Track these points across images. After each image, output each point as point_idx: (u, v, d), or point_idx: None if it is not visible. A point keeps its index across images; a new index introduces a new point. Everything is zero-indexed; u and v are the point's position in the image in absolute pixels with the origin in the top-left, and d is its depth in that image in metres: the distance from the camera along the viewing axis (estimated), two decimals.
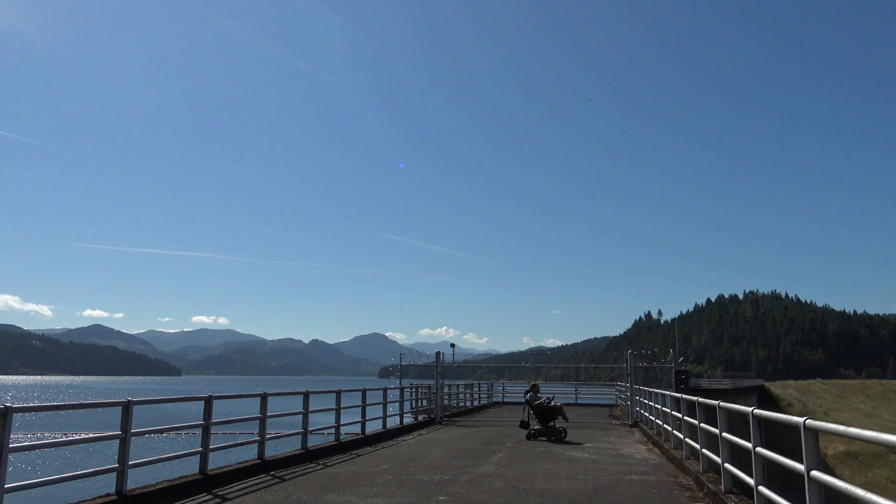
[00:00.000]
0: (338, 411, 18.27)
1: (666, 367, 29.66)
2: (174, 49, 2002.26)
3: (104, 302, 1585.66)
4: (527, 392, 23.61)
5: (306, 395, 16.24)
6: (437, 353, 28.90)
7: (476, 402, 40.33)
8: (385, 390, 23.24)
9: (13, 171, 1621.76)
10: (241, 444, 13.33)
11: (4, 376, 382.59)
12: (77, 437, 9.09)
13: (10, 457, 7.83)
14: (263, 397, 14.10)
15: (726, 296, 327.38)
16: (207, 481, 11.65)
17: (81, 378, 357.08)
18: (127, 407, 9.87)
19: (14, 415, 7.86)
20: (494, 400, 45.53)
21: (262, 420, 14.05)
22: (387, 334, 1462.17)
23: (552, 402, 22.48)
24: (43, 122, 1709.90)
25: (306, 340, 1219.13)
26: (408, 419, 26.47)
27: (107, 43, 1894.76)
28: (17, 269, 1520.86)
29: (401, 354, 29.62)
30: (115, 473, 9.66)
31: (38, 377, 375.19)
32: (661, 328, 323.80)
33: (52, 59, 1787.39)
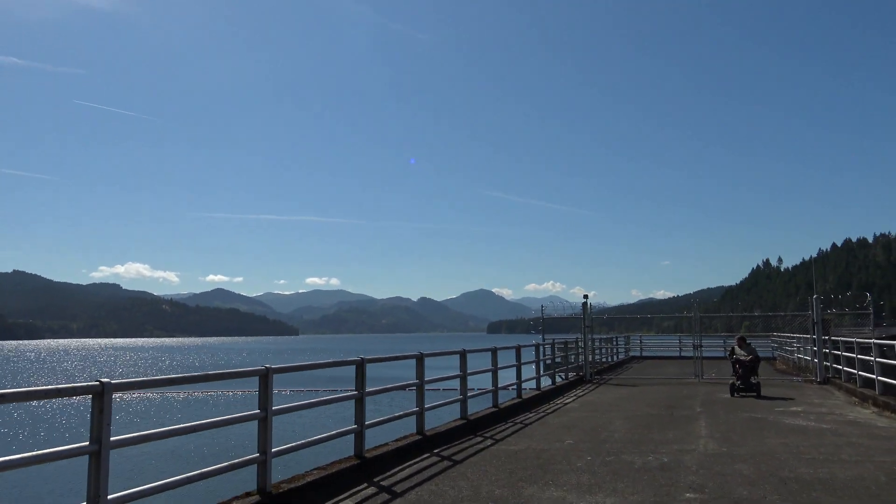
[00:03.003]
0: (495, 372, 15.52)
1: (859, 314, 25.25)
2: (277, 20, 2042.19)
3: (225, 267, 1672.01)
4: (733, 346, 20.90)
5: (463, 355, 13.53)
6: (585, 304, 25.70)
7: (615, 358, 36.92)
8: (538, 347, 20.41)
9: (138, 147, 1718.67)
10: (400, 416, 10.75)
11: (140, 339, 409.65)
12: (206, 420, 6.54)
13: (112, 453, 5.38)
14: (420, 359, 11.46)
15: (854, 239, 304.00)
16: (365, 467, 9.12)
17: (209, 339, 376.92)
18: (266, 376, 7.35)
19: (114, 394, 5.40)
20: (632, 354, 41.99)
21: (420, 386, 11.42)
22: (493, 290, 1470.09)
23: (749, 356, 19.89)
24: (161, 99, 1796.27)
25: (415, 298, 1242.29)
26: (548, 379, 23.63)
27: (213, 19, 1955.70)
28: (146, 239, 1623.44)
29: (542, 307, 26.63)
30: (256, 466, 7.20)
31: (169, 339, 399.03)
32: (780, 276, 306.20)
33: (160, 39, 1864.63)
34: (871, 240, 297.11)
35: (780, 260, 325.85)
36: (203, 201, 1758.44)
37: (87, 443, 5.24)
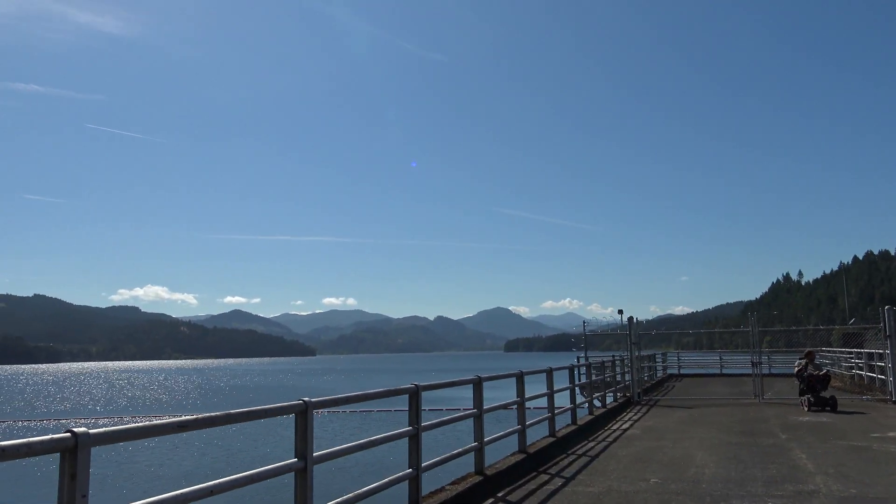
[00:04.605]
0: (551, 396, 13.67)
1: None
2: (295, 39, 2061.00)
3: (242, 288, 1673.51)
4: (799, 360, 20.46)
5: (520, 377, 11.73)
6: (630, 319, 23.82)
7: (655, 377, 34.85)
8: (588, 367, 18.53)
9: (155, 170, 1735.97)
10: (458, 454, 8.92)
11: (158, 361, 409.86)
12: (229, 478, 4.78)
13: None
14: (478, 384, 9.68)
15: (875, 252, 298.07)
16: None
17: (227, 361, 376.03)
18: (304, 413, 5.61)
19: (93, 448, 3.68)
20: (669, 372, 39.90)
21: (479, 417, 9.63)
22: (510, 308, 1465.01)
23: (822, 371, 19.81)
24: (177, 122, 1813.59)
25: (431, 317, 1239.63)
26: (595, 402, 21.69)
27: (220, 40, 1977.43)
28: (164, 262, 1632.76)
29: (584, 322, 24.78)
30: None
31: (188, 361, 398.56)
32: (801, 290, 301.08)
33: (169, 61, 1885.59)
34: (893, 252, 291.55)
35: (800, 274, 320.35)
36: (221, 223, 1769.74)
37: None
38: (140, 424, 4.05)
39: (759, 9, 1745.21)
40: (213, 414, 4.63)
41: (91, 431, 3.64)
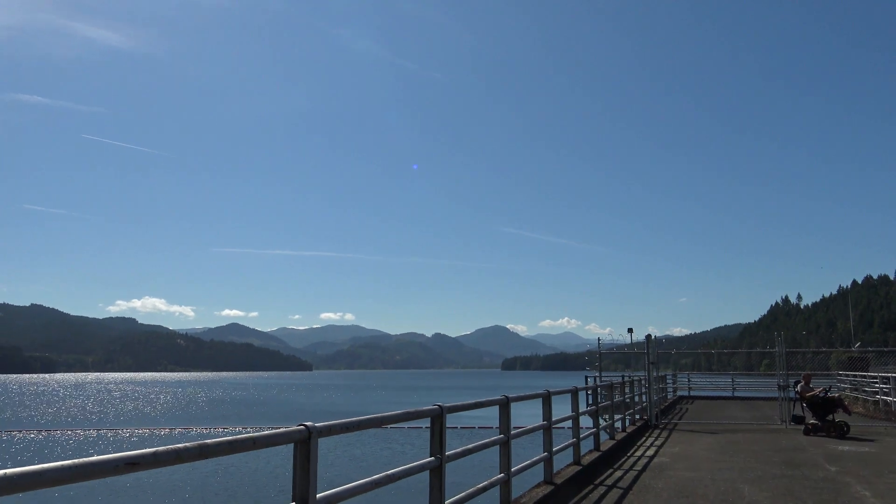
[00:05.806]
0: (576, 419, 12.33)
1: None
2: (295, 57, 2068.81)
3: (240, 302, 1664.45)
4: (797, 383, 20.00)
5: (547, 398, 10.40)
6: (648, 336, 22.46)
7: (666, 398, 33.46)
8: (611, 386, 17.16)
9: (155, 183, 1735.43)
10: (483, 489, 7.58)
11: (154, 373, 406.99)
12: None
13: None
14: (505, 404, 8.36)
15: (875, 276, 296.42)
16: None
17: (223, 374, 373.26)
18: (306, 442, 4.31)
19: None
20: (680, 394, 38.51)
21: (506, 443, 8.31)
22: (508, 326, 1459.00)
23: (829, 393, 18.90)
24: (178, 135, 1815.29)
25: (429, 334, 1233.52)
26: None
27: (233, 57, 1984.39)
28: (162, 273, 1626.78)
29: (598, 339, 23.42)
30: None
31: (184, 374, 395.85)
32: (800, 313, 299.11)
33: (180, 77, 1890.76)
34: (892, 276, 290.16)
35: (799, 297, 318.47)
36: (219, 236, 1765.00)
37: None
38: (68, 464, 2.75)
39: (751, 42, 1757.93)
40: (179, 446, 3.34)
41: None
